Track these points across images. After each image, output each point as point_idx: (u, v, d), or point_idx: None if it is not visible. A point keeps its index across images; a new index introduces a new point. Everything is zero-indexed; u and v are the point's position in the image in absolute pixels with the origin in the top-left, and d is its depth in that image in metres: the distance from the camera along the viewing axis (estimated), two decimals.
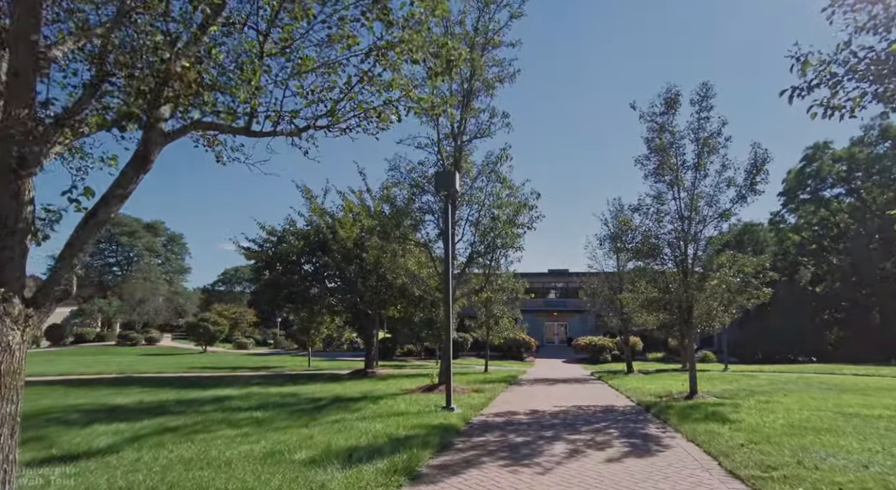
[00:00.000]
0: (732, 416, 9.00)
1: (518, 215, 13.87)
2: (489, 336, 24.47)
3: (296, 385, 15.34)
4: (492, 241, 13.93)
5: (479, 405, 10.54)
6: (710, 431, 7.53)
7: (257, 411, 9.16)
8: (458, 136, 13.80)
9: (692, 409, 10.06)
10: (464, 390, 13.53)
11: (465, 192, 13.31)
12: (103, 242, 78.57)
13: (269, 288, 20.42)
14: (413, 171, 14.00)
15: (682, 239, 12.85)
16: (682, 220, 12.97)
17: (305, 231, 20.76)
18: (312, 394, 12.46)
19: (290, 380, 17.45)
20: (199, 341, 51.40)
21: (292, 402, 10.68)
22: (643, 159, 13.77)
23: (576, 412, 10.31)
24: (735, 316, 12.45)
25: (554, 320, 50.53)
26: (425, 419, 8.25)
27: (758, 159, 12.34)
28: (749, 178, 12.45)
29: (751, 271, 11.91)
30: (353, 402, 10.72)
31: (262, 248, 20.71)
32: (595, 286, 24.60)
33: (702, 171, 12.99)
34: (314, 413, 8.92)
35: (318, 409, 9.60)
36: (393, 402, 10.75)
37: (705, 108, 13.13)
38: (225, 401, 10.79)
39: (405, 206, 13.41)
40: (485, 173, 13.32)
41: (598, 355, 33.90)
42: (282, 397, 11.59)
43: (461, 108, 13.69)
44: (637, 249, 12.94)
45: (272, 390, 13.41)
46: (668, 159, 13.32)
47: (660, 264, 13.17)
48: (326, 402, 10.60)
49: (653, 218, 13.37)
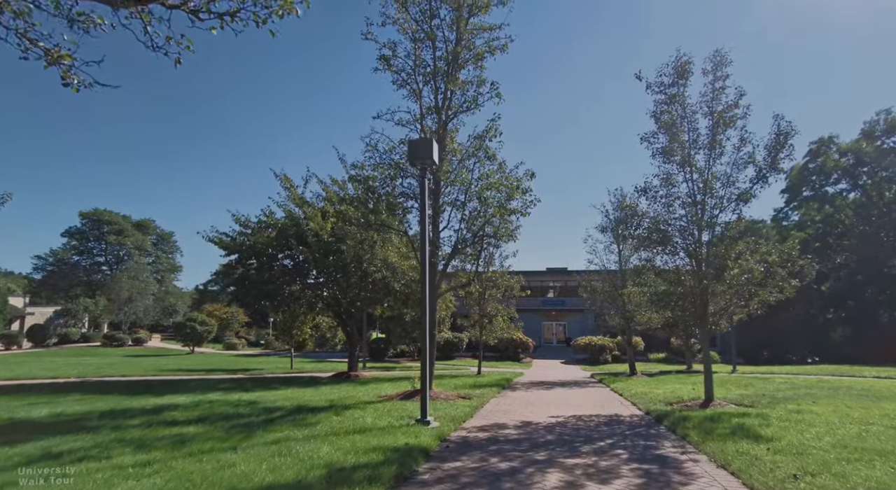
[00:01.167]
0: (764, 430, 7.46)
1: (510, 200, 12.30)
2: (482, 336, 22.93)
3: (264, 391, 13.77)
4: (481, 228, 12.36)
5: (461, 416, 8.99)
6: (744, 453, 5.99)
7: (192, 426, 7.60)
8: (443, 109, 12.25)
9: (712, 420, 8.52)
10: (448, 397, 11.99)
11: (450, 170, 11.74)
12: (92, 241, 76.96)
13: (239, 284, 18.82)
14: (393, 151, 12.43)
15: (696, 224, 11.32)
16: (694, 204, 11.44)
17: (282, 223, 19.20)
18: (274, 402, 10.90)
19: (261, 384, 15.88)
20: (186, 342, 49.86)
21: (244, 413, 9.12)
22: (650, 136, 12.26)
23: (575, 425, 8.76)
24: (757, 311, 10.91)
25: (552, 320, 48.99)
26: (389, 438, 6.70)
27: (781, 133, 10.81)
28: (771, 154, 10.91)
29: (776, 260, 10.36)
30: (314, 413, 9.17)
31: (234, 240, 19.13)
32: (595, 283, 23.06)
33: (717, 149, 11.47)
34: (258, 429, 7.36)
35: (268, 422, 8.04)
36: (361, 413, 9.19)
37: (720, 77, 11.62)
38: (165, 411, 9.22)
39: (383, 189, 11.83)
40: (472, 150, 11.74)
41: (598, 356, 32.39)
42: (236, 406, 10.03)
43: (444, 79, 12.14)
44: (645, 237, 11.39)
45: (233, 397, 11.85)
46: (678, 136, 11.80)
47: (670, 254, 11.64)
48: (283, 414, 9.04)
49: (661, 202, 11.86)
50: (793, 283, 10.52)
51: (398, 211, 11.96)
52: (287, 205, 19.75)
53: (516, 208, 12.48)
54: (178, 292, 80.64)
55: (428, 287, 8.56)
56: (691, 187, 11.73)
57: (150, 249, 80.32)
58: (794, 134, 10.68)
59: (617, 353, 33.40)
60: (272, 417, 8.62)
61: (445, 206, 12.09)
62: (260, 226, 19.21)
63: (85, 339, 55.60)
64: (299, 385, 15.79)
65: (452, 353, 35.28)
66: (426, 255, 8.47)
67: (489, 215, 12.36)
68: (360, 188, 11.77)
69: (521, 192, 12.16)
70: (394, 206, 11.68)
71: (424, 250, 8.48)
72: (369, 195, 11.80)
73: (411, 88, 12.58)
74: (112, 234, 76.46)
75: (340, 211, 12.60)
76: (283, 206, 19.81)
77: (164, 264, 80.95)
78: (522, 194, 12.20)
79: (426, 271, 8.45)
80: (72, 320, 56.32)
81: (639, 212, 11.73)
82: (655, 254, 11.77)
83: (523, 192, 12.16)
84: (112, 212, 77.85)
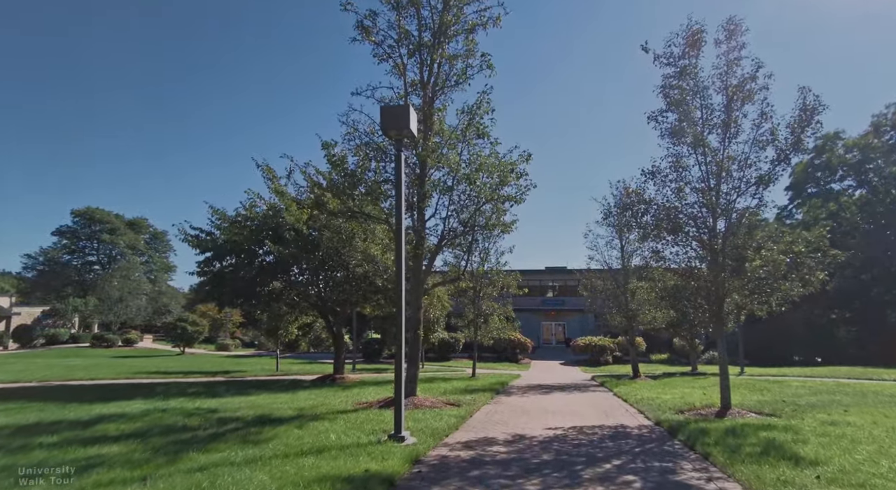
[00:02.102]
0: (803, 449, 6.24)
1: (503, 186, 11.07)
2: (477, 336, 21.72)
3: (234, 396, 12.56)
4: (471, 216, 11.14)
5: (444, 429, 7.77)
6: (789, 483, 4.78)
7: (119, 444, 6.38)
8: (428, 84, 11.03)
9: (735, 434, 7.30)
10: (435, 404, 10.76)
11: (436, 150, 10.50)
12: (84, 240, 75.64)
13: (213, 282, 17.57)
14: (375, 133, 11.21)
15: (710, 211, 10.11)
16: (708, 189, 10.22)
17: (261, 215, 17.98)
18: (236, 410, 9.68)
19: (236, 388, 14.66)
20: (176, 343, 48.65)
21: (192, 425, 7.90)
22: (658, 115, 11.05)
23: (575, 439, 7.54)
24: (780, 308, 9.68)
25: (551, 320, 47.75)
26: (349, 462, 5.49)
27: (807, 108, 9.59)
28: (794, 133, 9.69)
29: (802, 249, 9.14)
30: (274, 425, 7.95)
31: (210, 236, 17.90)
32: (597, 281, 21.80)
33: (732, 127, 10.26)
34: (195, 448, 6.14)
35: (214, 438, 6.81)
36: (329, 425, 7.98)
37: (734, 47, 10.40)
38: (100, 423, 7.99)
39: (362, 172, 10.59)
40: (461, 128, 10.51)
41: (598, 357, 31.18)
42: (189, 416, 8.80)
43: (430, 51, 10.91)
44: (653, 225, 10.16)
45: (193, 404, 10.62)
46: (689, 113, 10.60)
47: (681, 244, 10.42)
48: (237, 426, 7.83)
49: (671, 187, 10.65)
50: (820, 276, 9.30)
51: (379, 197, 10.73)
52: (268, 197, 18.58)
53: (510, 195, 11.27)
54: (173, 292, 79.22)
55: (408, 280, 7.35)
56: (704, 171, 10.54)
57: (144, 248, 79.01)
58: (823, 109, 9.46)
59: (618, 354, 32.21)
60: (222, 431, 7.39)
61: (432, 191, 10.84)
62: (237, 219, 17.98)
63: (74, 339, 54.33)
64: (276, 389, 14.58)
65: (448, 354, 34.08)
66: (401, 243, 7.25)
67: (480, 203, 11.15)
68: (337, 172, 10.52)
69: (515, 176, 10.94)
70: (374, 191, 10.45)
71: (400, 237, 7.26)
72: (347, 180, 10.57)
73: (394, 62, 11.36)
74: (104, 232, 75.22)
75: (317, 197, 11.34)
76: (264, 198, 18.64)
77: (157, 264, 79.61)
78: (517, 179, 10.99)
79: (401, 261, 7.23)
80: (60, 321, 55.00)
81: (646, 198, 10.49)
82: (664, 245, 10.54)
83: (518, 176, 10.95)
84: (104, 210, 76.56)
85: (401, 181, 7.31)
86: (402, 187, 7.31)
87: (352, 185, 10.48)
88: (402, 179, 7.32)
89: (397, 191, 7.38)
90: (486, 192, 10.53)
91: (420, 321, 11.32)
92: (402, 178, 7.32)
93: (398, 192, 7.36)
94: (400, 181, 7.31)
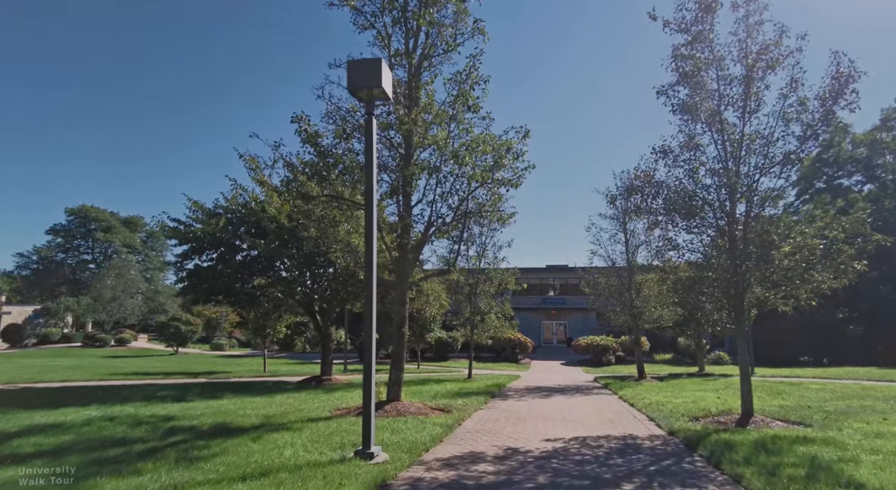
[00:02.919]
0: (854, 470, 5.12)
1: (499, 168, 9.93)
2: (474, 335, 20.62)
3: (204, 400, 11.47)
4: (462, 201, 10.02)
5: (424, 442, 6.66)
6: None
7: (24, 465, 5.28)
8: (413, 53, 9.92)
9: (767, 449, 6.19)
10: (421, 410, 9.65)
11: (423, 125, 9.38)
12: (78, 238, 74.72)
13: (190, 277, 16.48)
14: (355, 111, 10.10)
15: (729, 194, 8.99)
16: (726, 170, 9.09)
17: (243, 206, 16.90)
18: (195, 418, 8.59)
19: (210, 391, 13.56)
20: (169, 342, 47.59)
21: (132, 438, 6.80)
22: (668, 89, 9.94)
23: (577, 455, 6.43)
24: (811, 302, 8.54)
25: (552, 319, 46.59)
26: (295, 488, 4.38)
27: (840, 75, 8.46)
28: (826, 105, 8.56)
29: (838, 235, 8.00)
30: (228, 437, 6.85)
31: (189, 228, 16.82)
32: (599, 278, 20.66)
33: (753, 100, 9.13)
34: (113, 471, 5.05)
35: (146, 455, 5.72)
36: (292, 436, 6.88)
37: (754, 10, 9.26)
38: (24, 436, 6.89)
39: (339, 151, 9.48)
40: (448, 100, 9.39)
41: (600, 357, 30.04)
42: (136, 426, 7.71)
43: (415, 17, 9.79)
44: (665, 210, 9.04)
45: (153, 410, 9.55)
46: (704, 84, 9.48)
47: (696, 232, 9.30)
48: (185, 439, 6.73)
49: (684, 168, 9.54)
50: (858, 266, 8.16)
51: (359, 180, 9.62)
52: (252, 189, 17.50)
53: (505, 178, 10.14)
54: (170, 291, 78.15)
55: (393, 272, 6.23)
56: (721, 149, 9.42)
57: (140, 247, 78.07)
58: (859, 76, 8.33)
59: (621, 354, 31.08)
60: (163, 445, 6.30)
61: (418, 173, 9.72)
62: (216, 211, 16.90)
63: (66, 339, 53.31)
64: (255, 392, 13.49)
65: (446, 354, 33.00)
66: (373, 224, 6.14)
67: (473, 188, 10.02)
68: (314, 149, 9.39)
69: (512, 157, 9.81)
70: (351, 170, 9.34)
71: (371, 215, 6.16)
72: (322, 159, 9.46)
73: (378, 32, 10.26)
74: (99, 231, 74.29)
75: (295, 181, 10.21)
76: (247, 189, 17.56)
77: (153, 262, 78.57)
78: (514, 159, 9.86)
79: (372, 241, 6.12)
80: (52, 320, 53.95)
81: (656, 179, 9.36)
82: (677, 232, 9.42)
83: (515, 156, 9.82)
84: (99, 208, 75.68)
85: (372, 149, 6.19)
86: (373, 156, 6.20)
87: (328, 165, 9.36)
88: (373, 148, 6.20)
89: (367, 160, 6.28)
90: (478, 174, 9.40)
91: (405, 318, 10.20)
92: (373, 147, 6.21)
93: (368, 161, 6.25)
94: (371, 149, 6.20)
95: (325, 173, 9.40)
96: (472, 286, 19.85)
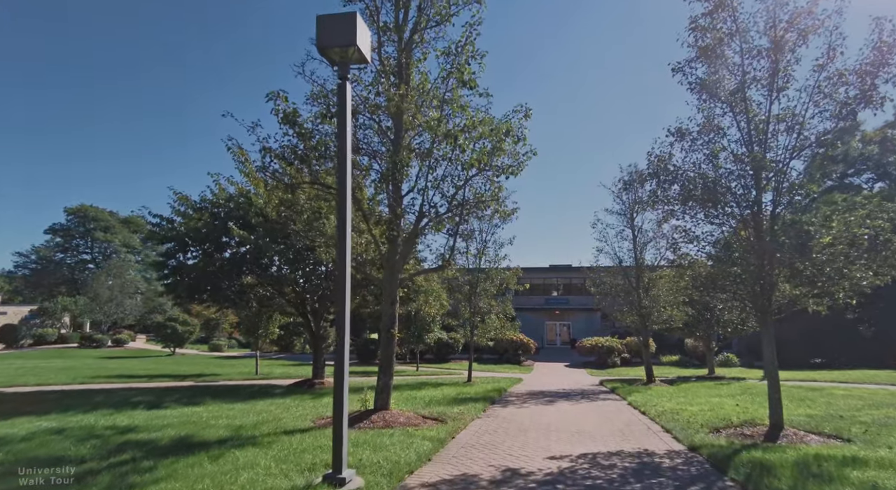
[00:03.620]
0: None
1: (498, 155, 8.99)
2: (473, 336, 19.70)
3: (177, 407, 10.59)
4: (459, 189, 9.09)
5: (409, 462, 5.74)
6: None
7: None
8: (404, 27, 9.01)
9: (811, 472, 5.24)
10: (411, 420, 8.71)
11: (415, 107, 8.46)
12: (77, 238, 74.15)
13: (173, 275, 15.60)
14: None
15: (755, 179, 8.03)
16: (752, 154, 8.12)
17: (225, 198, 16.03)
18: (158, 429, 7.69)
19: (191, 396, 12.68)
20: (166, 343, 46.80)
21: (69, 458, 5.91)
22: (685, 65, 9.01)
23: (588, 478, 5.50)
24: (851, 300, 7.58)
25: (556, 320, 45.59)
26: None
27: (883, 45, 7.51)
28: (865, 80, 7.61)
29: (884, 225, 7.02)
30: (187, 454, 5.95)
31: (171, 223, 15.97)
32: (604, 275, 19.71)
33: (781, 75, 8.18)
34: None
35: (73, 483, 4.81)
36: (257, 454, 5.97)
37: None
38: None
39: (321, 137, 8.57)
40: (441, 75, 8.46)
41: (605, 359, 29.06)
42: (85, 440, 6.82)
43: None
44: (682, 198, 8.09)
45: (113, 420, 8.65)
46: (725, 58, 8.55)
47: (718, 223, 8.35)
48: (131, 458, 5.83)
49: (703, 151, 8.61)
50: None
51: None
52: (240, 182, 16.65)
53: (505, 165, 9.21)
54: None
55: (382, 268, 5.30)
56: (744, 132, 8.48)
57: (139, 246, 77.41)
58: None
59: (626, 356, 30.08)
60: (101, 467, 5.40)
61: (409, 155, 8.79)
62: (202, 205, 16.04)
63: (62, 340, 52.62)
64: (239, 397, 12.60)
65: (447, 356, 32.08)
66: (346, 203, 5.22)
67: (470, 175, 9.10)
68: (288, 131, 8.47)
69: (512, 140, 8.88)
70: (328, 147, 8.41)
71: (344, 193, 5.25)
72: (303, 141, 8.54)
73: (366, 5, 9.35)
74: (98, 230, 73.68)
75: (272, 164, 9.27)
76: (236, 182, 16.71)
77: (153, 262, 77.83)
78: (514, 143, 8.93)
79: (346, 230, 5.20)
80: (49, 320, 53.26)
81: (673, 164, 8.41)
82: (695, 221, 8.47)
83: (515, 139, 8.89)
84: (98, 208, 75.10)
85: (345, 121, 5.28)
86: (346, 129, 5.27)
87: (310, 147, 8.45)
88: (346, 119, 5.28)
89: (340, 132, 5.36)
90: (474, 158, 8.47)
91: (395, 318, 9.28)
92: (346, 118, 5.29)
93: (341, 132, 5.33)
94: (344, 122, 5.28)
95: (306, 156, 8.48)
96: (471, 285, 18.93)
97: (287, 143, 8.63)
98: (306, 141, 8.48)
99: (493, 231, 19.00)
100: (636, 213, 18.23)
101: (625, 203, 18.54)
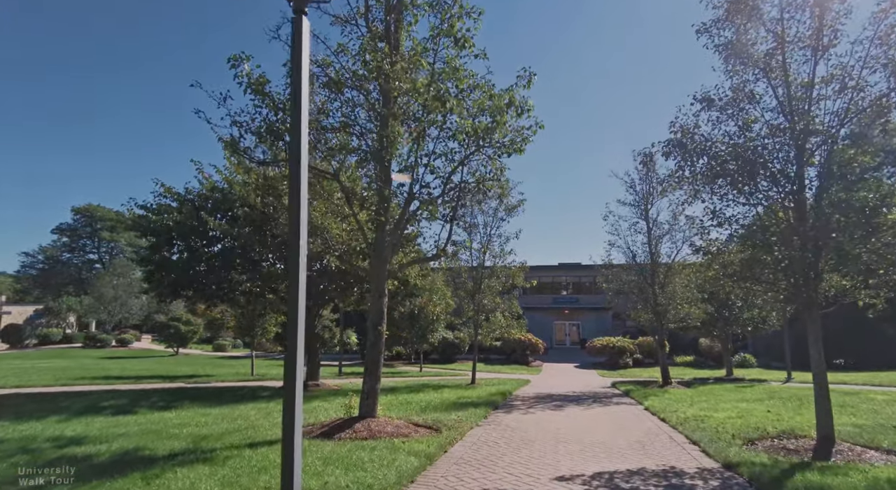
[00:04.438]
0: None
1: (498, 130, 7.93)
2: (478, 335, 18.63)
3: (150, 412, 9.65)
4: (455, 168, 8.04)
5: (386, 485, 4.70)
6: None
7: None
8: None
9: None
10: (399, 429, 7.64)
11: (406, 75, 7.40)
12: (84, 238, 74.08)
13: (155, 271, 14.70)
14: (327, 64, 8.19)
15: (797, 151, 6.89)
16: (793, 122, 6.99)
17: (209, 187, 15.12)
18: (105, 442, 6.73)
19: (170, 399, 11.75)
20: (169, 343, 46.20)
21: None
22: (711, 26, 7.90)
23: None
24: None
25: (565, 319, 44.31)
26: None
27: None
28: None
29: None
30: (122, 474, 4.98)
31: (158, 216, 15.07)
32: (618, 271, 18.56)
33: (828, 31, 7.03)
34: None
35: None
36: (210, 473, 4.98)
37: None
38: None
39: None
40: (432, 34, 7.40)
41: (616, 359, 27.84)
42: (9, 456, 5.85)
43: None
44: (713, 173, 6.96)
45: (67, 428, 7.72)
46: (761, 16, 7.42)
47: (753, 203, 7.21)
48: (52, 481, 4.84)
49: (735, 121, 7.48)
50: None
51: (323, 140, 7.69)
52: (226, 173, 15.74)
53: (506, 142, 8.13)
54: None
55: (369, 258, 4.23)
56: (783, 100, 7.34)
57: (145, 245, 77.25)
58: None
59: (638, 357, 28.82)
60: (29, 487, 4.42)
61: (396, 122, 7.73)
62: (188, 196, 15.14)
63: (67, 339, 52.30)
64: (222, 401, 11.66)
65: (453, 356, 31.01)
66: (300, 174, 4.19)
67: (469, 152, 8.04)
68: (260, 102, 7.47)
69: (514, 112, 7.81)
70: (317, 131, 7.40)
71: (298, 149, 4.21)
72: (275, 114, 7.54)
73: None
74: (105, 230, 73.52)
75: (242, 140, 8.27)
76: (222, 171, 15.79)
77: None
78: (517, 115, 7.86)
79: (300, 203, 4.16)
80: (54, 320, 52.97)
81: (700, 135, 7.29)
82: (726, 202, 7.33)
83: (518, 111, 7.81)
84: (105, 207, 74.93)
85: (300, 63, 4.24)
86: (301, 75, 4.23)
87: (283, 120, 7.44)
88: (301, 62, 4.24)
89: (294, 79, 4.33)
90: (468, 128, 7.41)
91: (383, 313, 8.24)
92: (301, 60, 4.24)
93: (296, 79, 4.29)
94: (300, 64, 4.24)
95: (277, 130, 7.47)
96: (475, 282, 17.86)
97: (259, 116, 7.63)
98: (278, 112, 7.47)
99: (497, 224, 17.94)
100: (651, 203, 17.10)
101: (639, 193, 17.40)
